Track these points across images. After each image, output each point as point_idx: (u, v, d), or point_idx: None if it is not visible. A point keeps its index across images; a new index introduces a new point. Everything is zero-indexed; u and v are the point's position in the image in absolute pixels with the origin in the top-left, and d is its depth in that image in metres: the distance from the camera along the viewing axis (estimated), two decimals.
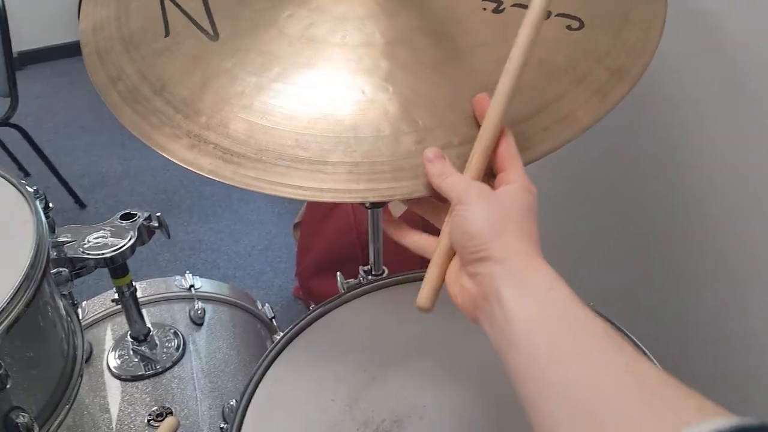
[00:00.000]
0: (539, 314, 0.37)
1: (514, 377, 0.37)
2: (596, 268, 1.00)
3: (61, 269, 0.67)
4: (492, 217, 0.41)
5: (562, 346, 0.36)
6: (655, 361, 0.57)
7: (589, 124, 0.48)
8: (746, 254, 0.67)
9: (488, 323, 0.40)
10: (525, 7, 0.52)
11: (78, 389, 0.64)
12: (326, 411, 0.59)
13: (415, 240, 0.48)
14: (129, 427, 0.79)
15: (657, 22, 0.52)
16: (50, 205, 0.67)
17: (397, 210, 1.42)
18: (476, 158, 0.45)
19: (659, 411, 0.31)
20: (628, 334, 0.60)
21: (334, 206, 1.42)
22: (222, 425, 0.68)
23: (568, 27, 0.51)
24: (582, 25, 0.51)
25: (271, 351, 0.64)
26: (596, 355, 0.35)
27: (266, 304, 1.04)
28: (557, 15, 0.52)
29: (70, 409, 0.62)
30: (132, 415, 0.81)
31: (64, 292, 0.68)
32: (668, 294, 0.83)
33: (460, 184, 0.43)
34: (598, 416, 0.32)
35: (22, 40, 2.67)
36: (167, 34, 0.54)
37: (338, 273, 0.73)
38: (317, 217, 1.47)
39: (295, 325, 0.66)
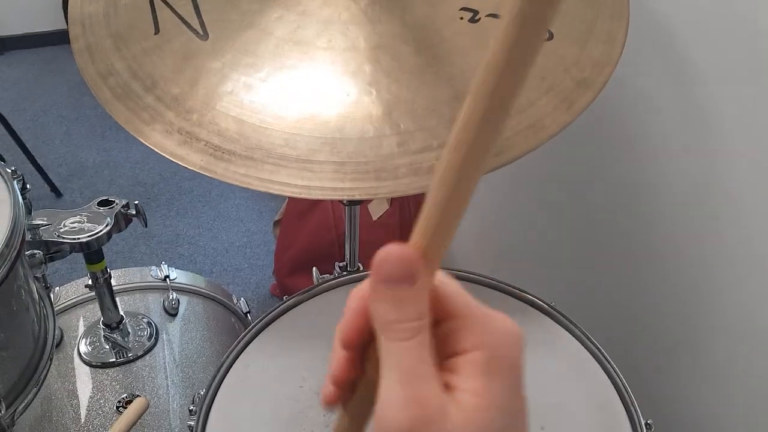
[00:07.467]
0: None
1: None
2: (555, 269, 1.05)
3: (35, 251, 0.67)
4: None
5: None
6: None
7: (557, 131, 0.52)
8: (697, 253, 0.73)
9: None
10: (498, 17, 0.56)
11: (47, 372, 0.64)
12: (295, 397, 0.61)
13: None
14: (98, 413, 0.80)
15: (620, 36, 0.57)
16: (27, 186, 0.66)
17: (378, 210, 1.43)
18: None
19: None
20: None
21: (314, 205, 1.42)
22: (191, 407, 0.70)
23: None
24: (551, 36, 0.55)
25: (242, 338, 0.65)
26: None
27: (242, 299, 1.04)
28: None
29: (38, 391, 0.62)
30: (101, 401, 0.81)
31: (37, 275, 0.68)
32: (628, 294, 0.88)
33: (394, 395, 0.24)
34: None
35: (6, 25, 2.61)
36: (157, 31, 0.55)
37: (314, 268, 0.75)
38: (297, 215, 1.48)
39: (267, 314, 0.68)
